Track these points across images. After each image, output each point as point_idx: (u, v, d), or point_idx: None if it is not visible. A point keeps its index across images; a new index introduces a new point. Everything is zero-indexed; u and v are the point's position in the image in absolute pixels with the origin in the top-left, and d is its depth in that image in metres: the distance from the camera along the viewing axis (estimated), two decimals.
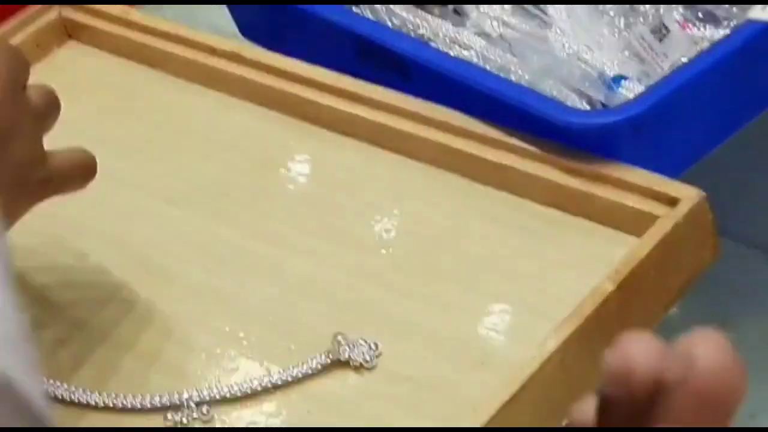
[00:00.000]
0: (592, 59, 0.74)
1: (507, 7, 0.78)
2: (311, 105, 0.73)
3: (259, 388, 0.61)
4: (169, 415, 0.60)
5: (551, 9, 0.77)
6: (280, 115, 0.74)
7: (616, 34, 0.75)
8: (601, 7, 0.76)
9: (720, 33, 0.73)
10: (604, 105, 0.71)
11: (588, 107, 0.71)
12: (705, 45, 0.72)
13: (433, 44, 0.77)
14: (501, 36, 0.76)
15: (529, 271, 0.65)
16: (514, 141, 0.68)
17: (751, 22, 0.69)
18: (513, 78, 0.73)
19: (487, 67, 0.74)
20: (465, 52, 0.76)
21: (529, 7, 0.77)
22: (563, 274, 0.64)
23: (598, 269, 0.62)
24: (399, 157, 0.71)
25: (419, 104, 0.71)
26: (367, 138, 0.72)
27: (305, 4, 0.76)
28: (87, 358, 0.63)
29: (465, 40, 0.76)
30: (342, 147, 0.72)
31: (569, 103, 0.71)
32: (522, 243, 0.66)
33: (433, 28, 0.77)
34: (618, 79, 0.72)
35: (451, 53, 0.75)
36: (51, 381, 0.61)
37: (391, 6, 0.79)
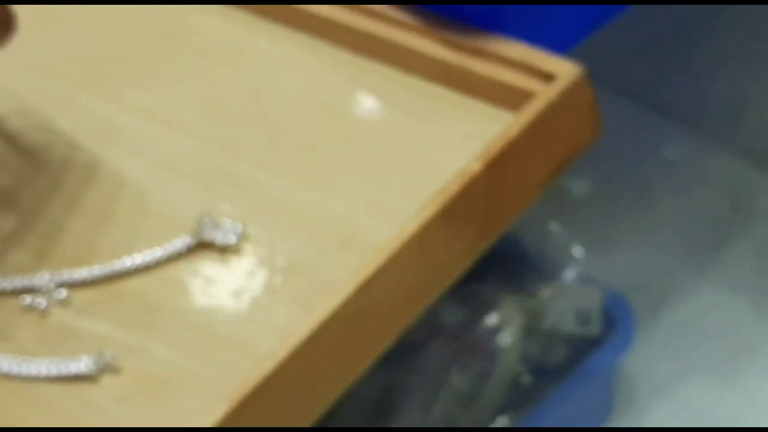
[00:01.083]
0: None
1: None
2: None
3: (121, 271, 0.60)
4: (26, 298, 0.59)
5: None
6: None
7: None
8: None
9: None
10: None
11: None
12: None
13: None
14: None
15: (405, 149, 0.63)
16: (394, 13, 0.65)
17: None
18: None
19: None
20: None
21: None
22: (438, 151, 0.62)
23: (474, 147, 0.60)
24: (279, 29, 0.68)
25: None
26: (248, 9, 0.69)
27: None
28: None
29: None
30: (226, 17, 0.70)
31: None
32: (400, 119, 0.64)
33: None
34: None
35: None
36: None
37: None
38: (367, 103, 0.65)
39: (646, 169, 0.91)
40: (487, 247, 0.60)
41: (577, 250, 0.80)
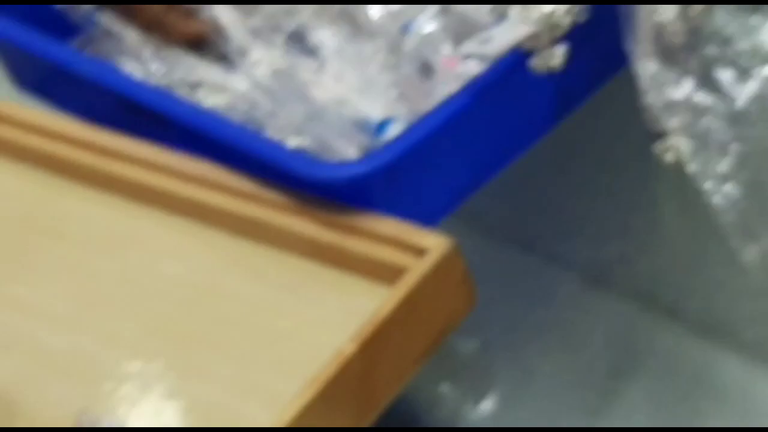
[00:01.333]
0: (360, 102, 0.73)
1: (279, 50, 0.76)
2: (66, 161, 0.71)
3: None
4: None
5: (325, 49, 0.76)
6: (33, 170, 0.72)
7: (383, 75, 0.73)
8: (369, 47, 0.74)
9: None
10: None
11: (357, 153, 0.70)
12: None
13: (201, 91, 0.75)
14: (270, 80, 0.75)
15: (284, 330, 0.63)
16: (268, 194, 0.66)
17: (503, 58, 0.68)
18: (280, 125, 0.72)
19: (258, 114, 0.73)
20: (232, 100, 0.74)
21: (298, 53, 0.76)
22: (317, 330, 0.63)
23: (352, 324, 0.60)
24: (155, 214, 0.69)
25: (174, 159, 0.69)
26: (124, 194, 0.70)
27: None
28: None
29: (234, 86, 0.75)
30: (98, 204, 0.70)
31: (341, 149, 0.70)
32: (279, 299, 0.65)
33: (201, 74, 0.76)
34: (385, 123, 0.71)
35: (219, 100, 0.74)
36: None
37: (166, 51, 0.77)
38: (245, 285, 0.66)
39: (538, 320, 0.91)
40: (370, 422, 0.61)
41: (469, 410, 0.80)
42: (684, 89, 0.64)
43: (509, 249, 0.95)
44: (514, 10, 0.65)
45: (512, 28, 0.65)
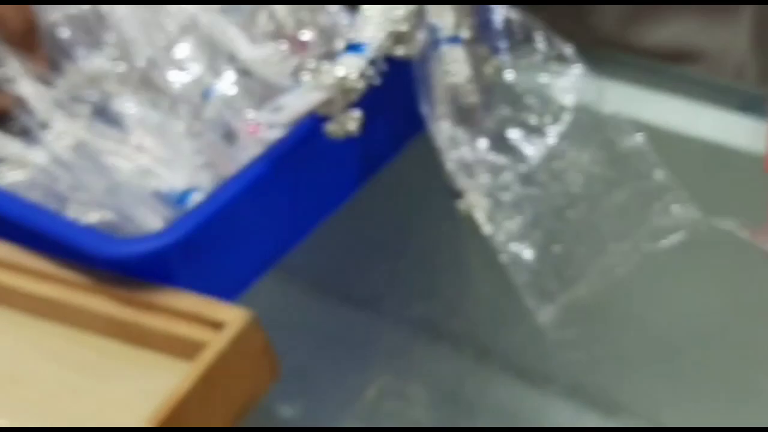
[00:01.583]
0: (164, 172, 0.71)
1: (82, 122, 0.75)
2: None
3: None
4: None
5: (128, 119, 0.75)
6: None
7: (187, 143, 0.72)
8: (171, 115, 0.73)
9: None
10: None
11: (160, 225, 0.69)
12: None
13: (2, 166, 0.74)
14: (71, 154, 0.73)
15: (85, 412, 0.62)
16: (64, 274, 0.65)
17: (301, 124, 0.67)
18: (81, 200, 0.70)
19: (60, 188, 0.71)
20: (33, 176, 0.73)
21: (102, 124, 0.75)
22: (119, 412, 0.61)
23: (153, 402, 0.59)
24: None
25: None
26: None
27: None
28: None
29: (34, 161, 0.73)
30: None
31: (144, 222, 0.69)
32: (79, 381, 0.63)
33: (1, 149, 0.74)
34: (187, 193, 0.70)
35: (20, 176, 0.72)
36: None
37: None
38: (43, 368, 0.64)
39: (364, 376, 0.91)
40: None
41: None
42: (479, 149, 0.64)
43: (327, 303, 0.94)
44: (306, 75, 0.65)
45: (305, 95, 0.65)
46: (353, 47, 0.65)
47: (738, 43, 0.95)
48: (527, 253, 0.61)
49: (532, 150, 0.63)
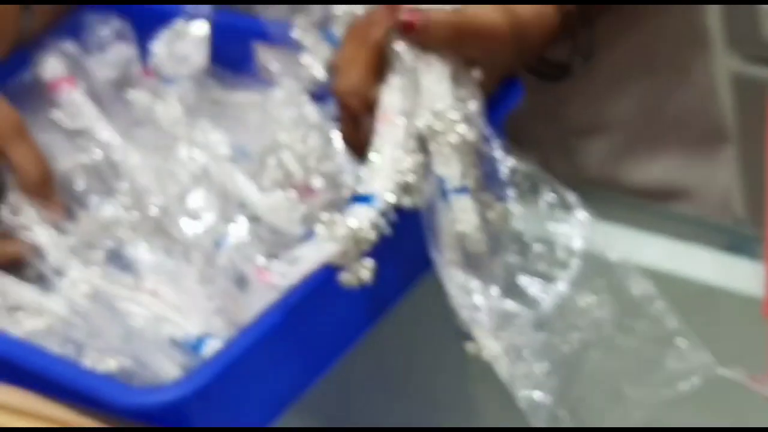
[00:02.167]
0: (178, 319, 0.73)
1: (96, 267, 0.77)
2: None
3: None
4: None
5: (141, 266, 0.77)
6: None
7: (200, 289, 0.74)
8: (184, 262, 0.76)
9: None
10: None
11: (176, 372, 0.70)
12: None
13: (20, 314, 0.75)
14: (87, 302, 0.75)
15: None
16: (82, 421, 0.66)
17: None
18: (98, 347, 0.72)
19: (77, 335, 0.73)
20: (50, 324, 0.74)
21: (116, 270, 0.77)
22: None
23: None
24: None
25: None
26: None
27: None
28: None
29: (52, 309, 0.75)
30: None
31: (160, 369, 0.70)
32: None
33: (18, 296, 0.76)
34: (202, 339, 0.71)
35: (38, 324, 0.74)
36: None
37: None
38: None
39: None
40: None
41: None
42: (490, 296, 0.66)
43: None
44: (320, 228, 0.67)
45: (319, 247, 0.67)
46: (362, 198, 0.67)
47: (721, 179, 0.98)
48: (543, 399, 0.63)
49: (543, 296, 0.65)
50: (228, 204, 0.77)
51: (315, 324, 0.70)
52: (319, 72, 0.82)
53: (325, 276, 0.69)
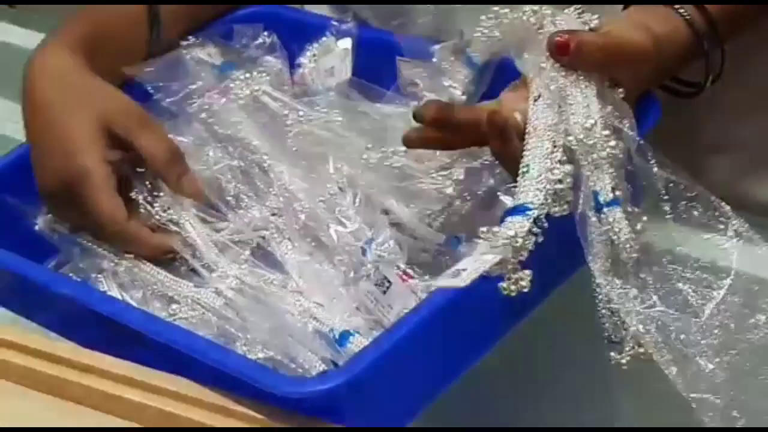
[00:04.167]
0: (323, 316, 0.78)
1: (244, 265, 0.81)
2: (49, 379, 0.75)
3: None
4: None
5: (288, 265, 0.81)
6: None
7: (344, 290, 0.79)
8: (330, 263, 0.80)
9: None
10: (334, 363, 0.75)
11: (321, 365, 0.75)
12: (423, 296, 0.76)
13: (175, 305, 0.80)
14: (237, 296, 0.80)
15: None
16: (239, 408, 0.71)
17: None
18: (249, 338, 0.76)
19: (228, 327, 0.78)
20: (204, 315, 0.79)
21: (264, 267, 0.81)
22: None
23: None
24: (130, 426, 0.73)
25: (149, 373, 0.73)
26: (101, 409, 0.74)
27: None
28: None
29: (205, 302, 0.80)
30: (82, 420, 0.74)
31: (306, 361, 0.75)
32: None
33: (173, 289, 0.81)
34: (345, 335, 0.76)
35: (193, 314, 0.79)
36: None
37: (139, 267, 0.82)
38: None
39: None
40: None
41: None
42: (648, 303, 0.69)
43: None
44: (480, 238, 0.70)
45: (481, 258, 0.70)
46: (517, 210, 0.71)
47: None
48: (717, 400, 0.66)
49: (700, 302, 0.69)
50: (373, 211, 0.81)
51: (458, 325, 0.74)
52: (459, 96, 0.86)
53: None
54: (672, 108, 0.85)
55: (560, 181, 0.72)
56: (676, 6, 0.79)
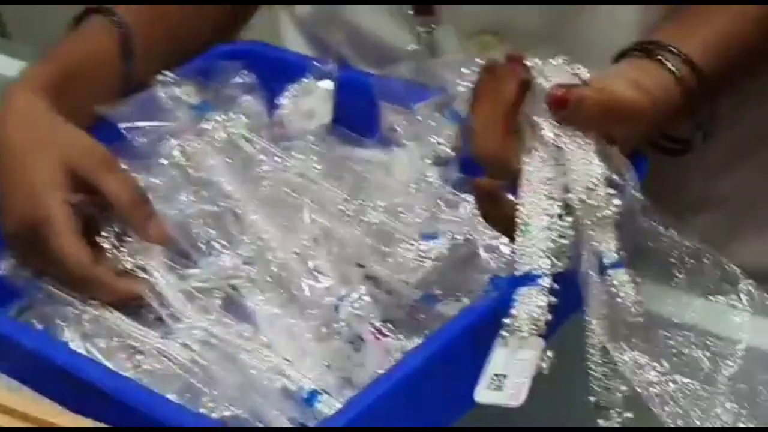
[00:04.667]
0: (292, 373, 0.75)
1: (213, 315, 0.79)
2: None
3: None
4: None
5: (258, 317, 0.78)
6: None
7: (315, 345, 0.76)
8: (302, 316, 0.77)
9: (413, 343, 0.75)
10: (301, 423, 0.72)
11: (288, 424, 0.72)
12: (398, 356, 0.74)
13: (140, 357, 0.77)
14: (204, 349, 0.77)
15: None
16: None
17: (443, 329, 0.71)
18: (215, 395, 0.74)
19: (194, 382, 0.75)
20: (169, 367, 0.76)
21: (233, 318, 0.78)
22: None
23: None
24: None
25: None
26: None
27: None
28: None
29: (171, 353, 0.77)
30: None
31: (273, 420, 0.72)
32: None
33: (139, 339, 0.78)
34: (314, 394, 0.73)
35: (157, 366, 0.76)
36: None
37: (104, 316, 0.80)
38: None
39: None
40: None
41: None
42: (659, 371, 0.67)
43: None
44: (505, 335, 0.68)
45: (518, 360, 0.67)
46: (526, 279, 0.68)
47: None
48: None
49: (710, 370, 0.66)
50: (348, 264, 0.78)
51: (433, 388, 0.71)
52: (444, 150, 0.84)
53: (443, 345, 0.70)
54: (658, 163, 0.83)
55: (562, 236, 0.69)
56: (668, 64, 0.77)
